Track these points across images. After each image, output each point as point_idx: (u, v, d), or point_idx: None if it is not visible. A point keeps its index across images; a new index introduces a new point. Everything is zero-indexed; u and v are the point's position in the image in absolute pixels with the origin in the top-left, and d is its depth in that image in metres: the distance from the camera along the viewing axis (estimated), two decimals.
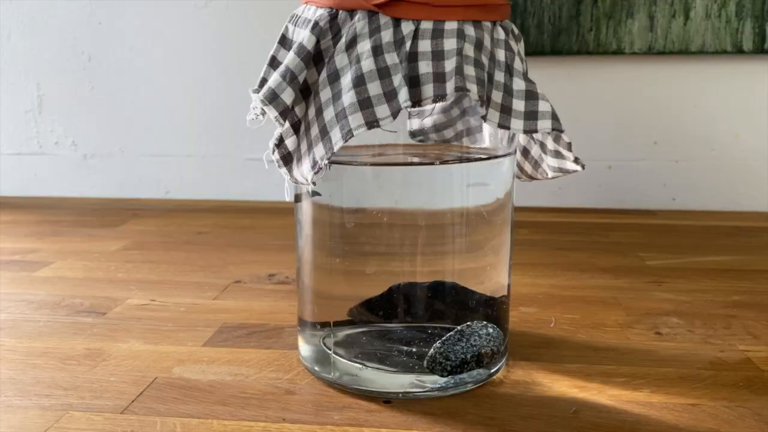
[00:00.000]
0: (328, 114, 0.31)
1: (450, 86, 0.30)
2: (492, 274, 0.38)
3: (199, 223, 0.76)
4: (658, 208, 0.83)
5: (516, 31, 0.35)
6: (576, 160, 0.35)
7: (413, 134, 0.42)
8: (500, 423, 0.33)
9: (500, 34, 0.33)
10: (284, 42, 0.34)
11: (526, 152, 0.39)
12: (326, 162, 0.30)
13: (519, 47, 0.35)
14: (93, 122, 0.91)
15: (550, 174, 0.38)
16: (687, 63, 0.79)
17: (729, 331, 0.45)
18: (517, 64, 0.33)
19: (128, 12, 0.87)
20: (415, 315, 0.38)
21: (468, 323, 0.37)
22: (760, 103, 0.80)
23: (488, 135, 0.38)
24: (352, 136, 0.30)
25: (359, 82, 0.30)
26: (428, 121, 0.41)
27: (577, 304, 0.50)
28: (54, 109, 0.91)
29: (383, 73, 0.30)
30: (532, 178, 0.40)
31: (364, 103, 0.30)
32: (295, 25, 0.34)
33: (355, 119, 0.30)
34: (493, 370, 0.37)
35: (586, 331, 0.45)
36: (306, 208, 0.37)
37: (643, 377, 0.38)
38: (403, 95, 0.30)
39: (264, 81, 0.33)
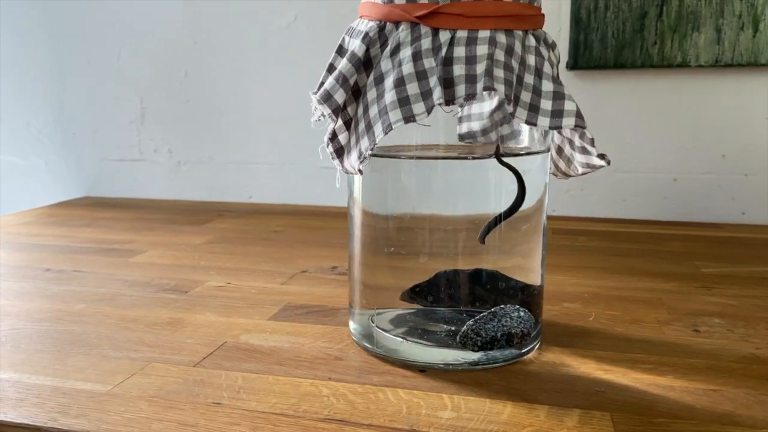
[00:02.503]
0: (373, 111, 0.35)
1: (480, 86, 0.34)
2: (522, 274, 0.41)
3: (275, 223, 0.83)
4: (725, 221, 0.82)
5: (549, 39, 0.39)
6: (602, 156, 0.38)
7: (462, 137, 0.46)
8: (523, 393, 0.36)
9: (531, 41, 0.37)
10: (341, 51, 0.39)
11: (560, 151, 0.42)
12: (370, 152, 0.35)
13: (551, 54, 0.38)
14: (187, 132, 1.00)
15: (580, 170, 0.40)
16: (757, 75, 0.79)
17: None
18: (547, 68, 0.37)
19: (220, 33, 0.96)
20: (456, 298, 0.41)
21: (501, 306, 0.40)
22: None
23: (527, 138, 0.42)
24: (392, 129, 0.34)
25: (399, 83, 0.34)
26: (475, 125, 0.45)
27: (620, 302, 0.52)
28: (154, 120, 1.01)
29: (421, 75, 0.34)
30: (566, 174, 0.43)
31: (403, 101, 0.34)
32: (350, 36, 0.39)
33: (395, 114, 0.34)
34: (523, 350, 0.41)
35: (623, 325, 0.47)
36: (356, 213, 0.42)
37: (670, 365, 0.40)
38: (437, 94, 0.34)
39: (322, 84, 0.38)
